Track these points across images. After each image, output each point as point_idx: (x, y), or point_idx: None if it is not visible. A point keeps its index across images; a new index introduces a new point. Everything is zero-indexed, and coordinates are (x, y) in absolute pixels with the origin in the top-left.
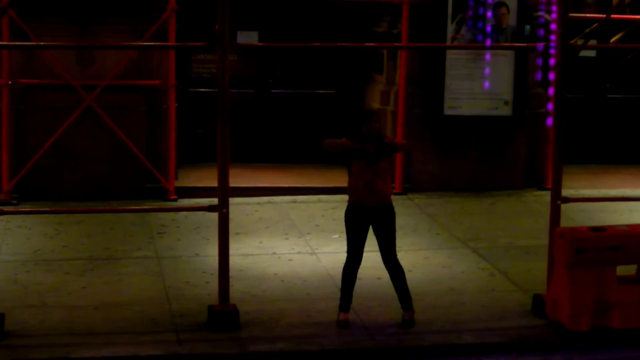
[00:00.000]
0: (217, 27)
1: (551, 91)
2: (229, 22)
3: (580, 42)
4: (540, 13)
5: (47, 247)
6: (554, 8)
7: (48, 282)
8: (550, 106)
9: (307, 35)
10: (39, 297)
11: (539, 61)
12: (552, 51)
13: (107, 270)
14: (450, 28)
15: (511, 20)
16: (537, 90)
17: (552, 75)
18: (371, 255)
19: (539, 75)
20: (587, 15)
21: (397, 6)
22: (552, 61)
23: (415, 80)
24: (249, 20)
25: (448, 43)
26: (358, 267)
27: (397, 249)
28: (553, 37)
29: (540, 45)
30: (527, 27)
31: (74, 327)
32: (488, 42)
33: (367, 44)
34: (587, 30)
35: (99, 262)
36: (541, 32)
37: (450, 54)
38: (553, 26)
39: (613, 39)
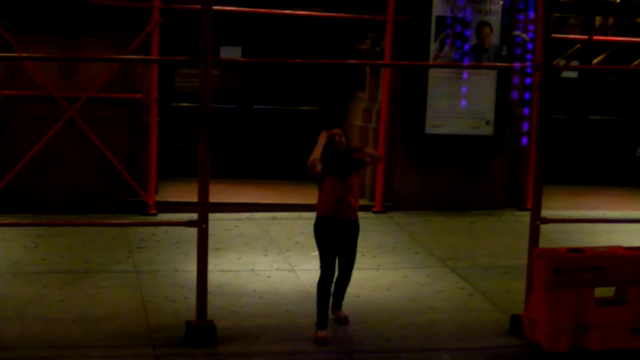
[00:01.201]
0: (200, 41)
1: (526, 111)
2: (212, 37)
3: (562, 62)
4: (518, 32)
5: (26, 260)
6: (531, 27)
7: (26, 294)
8: (525, 125)
9: (291, 52)
10: (17, 309)
11: (516, 80)
12: (529, 70)
13: (85, 284)
14: (433, 46)
15: (494, 39)
16: (518, 110)
17: (527, 95)
18: (354, 272)
19: (515, 94)
20: (570, 36)
21: (381, 24)
22: (527, 80)
23: (397, 98)
24: (232, 35)
25: (431, 61)
26: (332, 280)
27: (376, 267)
28: (529, 56)
29: (517, 65)
30: (504, 46)
31: (52, 339)
32: (466, 61)
33: (350, 61)
34: (569, 51)
35: (77, 275)
36: (518, 51)
37: (433, 73)
38: (530, 45)
39: (595, 61)
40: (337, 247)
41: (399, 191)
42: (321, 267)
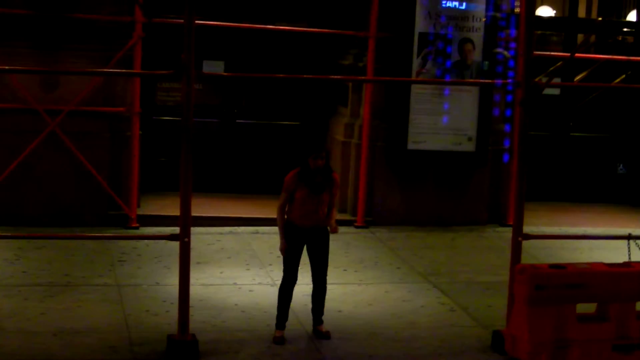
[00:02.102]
0: (183, 55)
1: (508, 127)
2: (195, 51)
3: (544, 79)
4: (499, 49)
5: (7, 273)
6: (513, 45)
7: (6, 307)
8: (507, 142)
9: (274, 67)
10: None
11: (497, 97)
12: (510, 87)
13: (66, 297)
14: (416, 62)
15: (476, 56)
16: (500, 126)
17: (509, 112)
18: (332, 287)
19: (496, 111)
20: (552, 53)
21: (364, 40)
22: (509, 97)
23: (380, 113)
24: (215, 50)
25: (413, 77)
26: (294, 285)
27: (358, 282)
28: (511, 73)
29: (499, 82)
30: (486, 63)
31: (32, 353)
32: (448, 77)
33: (332, 77)
34: (551, 68)
35: (58, 289)
36: (500, 68)
37: (415, 89)
38: (511, 63)
39: (577, 78)
40: (300, 254)
41: (381, 206)
42: (284, 272)
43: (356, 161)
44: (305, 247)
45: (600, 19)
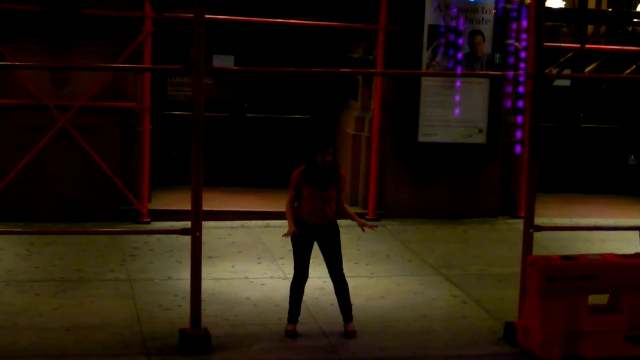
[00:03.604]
0: (192, 50)
1: (520, 119)
2: (204, 45)
3: (554, 71)
4: (511, 41)
5: (19, 268)
6: (524, 36)
7: (19, 303)
8: (519, 134)
9: (283, 60)
10: (9, 318)
11: (509, 89)
12: (522, 79)
13: (78, 292)
14: (426, 55)
15: (486, 48)
16: (511, 118)
17: (521, 103)
18: (347, 280)
19: (508, 103)
20: (562, 44)
21: (373, 32)
22: (521, 89)
23: (390, 106)
24: (225, 44)
25: (423, 70)
26: (305, 281)
27: (370, 275)
28: (523, 65)
29: (510, 74)
30: (497, 55)
31: (44, 348)
32: (459, 70)
33: (342, 70)
34: (561, 59)
35: (70, 284)
36: (511, 60)
37: (426, 81)
38: (523, 54)
39: (587, 69)
40: (310, 251)
41: (392, 199)
42: (294, 269)
43: (367, 154)
44: (316, 244)
45: (610, 9)
